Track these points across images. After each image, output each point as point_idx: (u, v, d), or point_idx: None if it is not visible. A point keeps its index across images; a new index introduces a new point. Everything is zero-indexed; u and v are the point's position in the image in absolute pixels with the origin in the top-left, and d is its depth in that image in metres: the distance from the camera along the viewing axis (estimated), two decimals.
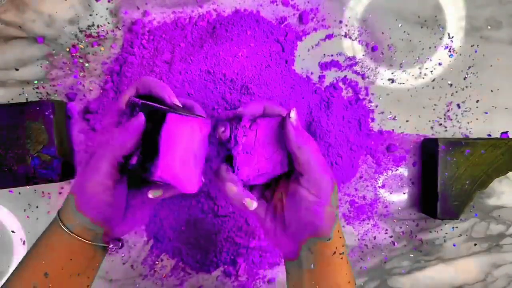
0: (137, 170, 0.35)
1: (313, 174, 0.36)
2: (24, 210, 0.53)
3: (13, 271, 0.37)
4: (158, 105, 0.35)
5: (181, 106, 0.37)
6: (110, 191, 0.35)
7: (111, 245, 0.39)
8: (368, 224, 0.56)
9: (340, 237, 0.37)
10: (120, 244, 0.39)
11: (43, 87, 0.52)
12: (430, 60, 0.55)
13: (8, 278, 0.37)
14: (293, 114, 0.37)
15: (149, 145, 0.34)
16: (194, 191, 0.36)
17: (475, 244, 0.56)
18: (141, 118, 0.35)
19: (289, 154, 0.38)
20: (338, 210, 0.37)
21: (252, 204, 0.36)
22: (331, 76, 0.54)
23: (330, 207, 0.36)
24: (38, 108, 0.48)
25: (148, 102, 0.35)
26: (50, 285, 0.36)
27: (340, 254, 0.37)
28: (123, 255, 0.54)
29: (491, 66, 0.55)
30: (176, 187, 0.35)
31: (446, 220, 0.55)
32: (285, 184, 0.39)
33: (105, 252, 0.39)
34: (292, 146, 0.36)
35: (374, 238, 0.56)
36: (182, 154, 0.34)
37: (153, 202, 0.40)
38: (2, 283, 0.37)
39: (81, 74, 0.53)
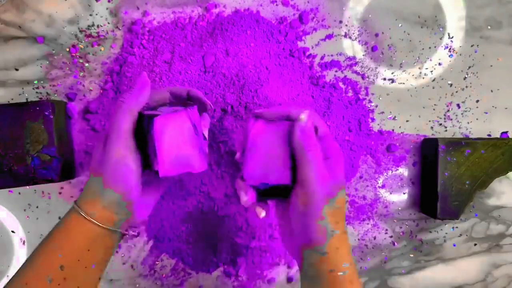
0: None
1: (306, 184, 0.36)
2: (24, 210, 0.53)
3: (26, 262, 0.36)
4: (150, 112, 0.38)
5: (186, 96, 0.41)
6: (132, 154, 0.36)
7: (130, 231, 0.39)
8: (368, 224, 0.56)
9: (341, 256, 0.36)
10: (137, 232, 0.40)
11: (43, 87, 0.52)
12: (430, 60, 0.55)
13: (21, 269, 0.36)
14: (303, 116, 0.37)
15: (148, 149, 0.38)
16: (203, 169, 0.38)
17: (475, 244, 0.56)
18: (143, 74, 0.38)
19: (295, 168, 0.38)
20: (337, 227, 0.36)
21: (261, 213, 0.39)
22: (331, 76, 0.54)
23: (321, 220, 0.35)
24: (38, 108, 0.48)
25: (145, 112, 0.38)
26: (65, 277, 0.35)
27: (342, 273, 0.36)
28: (123, 255, 0.54)
29: (491, 66, 0.55)
30: (187, 171, 0.38)
31: (446, 220, 0.55)
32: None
33: (119, 242, 0.40)
34: (295, 144, 0.36)
35: (374, 238, 0.56)
36: (174, 147, 0.37)
37: (162, 190, 0.43)
38: (15, 272, 0.36)
39: (81, 74, 0.53)
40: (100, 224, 0.36)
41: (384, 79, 0.55)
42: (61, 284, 0.35)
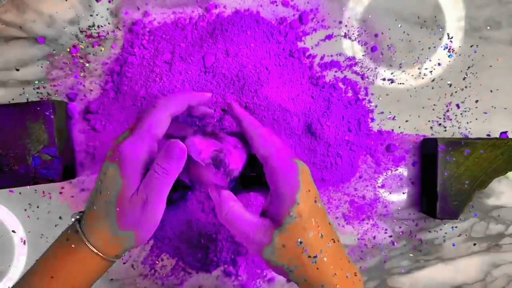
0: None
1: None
2: (25, 210, 0.53)
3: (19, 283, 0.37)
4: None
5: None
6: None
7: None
8: (367, 224, 0.56)
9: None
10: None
11: (44, 87, 0.52)
12: (430, 60, 0.55)
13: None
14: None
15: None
16: None
17: (475, 244, 0.56)
18: (181, 146, 0.38)
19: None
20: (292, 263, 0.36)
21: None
22: (330, 76, 0.54)
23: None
24: (38, 108, 0.48)
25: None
26: None
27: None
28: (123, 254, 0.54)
29: (491, 66, 0.55)
30: None
31: (445, 220, 0.55)
32: None
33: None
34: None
35: (374, 237, 0.56)
36: None
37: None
38: None
39: (82, 74, 0.53)
40: (107, 258, 0.37)
41: (384, 79, 0.55)
42: None
